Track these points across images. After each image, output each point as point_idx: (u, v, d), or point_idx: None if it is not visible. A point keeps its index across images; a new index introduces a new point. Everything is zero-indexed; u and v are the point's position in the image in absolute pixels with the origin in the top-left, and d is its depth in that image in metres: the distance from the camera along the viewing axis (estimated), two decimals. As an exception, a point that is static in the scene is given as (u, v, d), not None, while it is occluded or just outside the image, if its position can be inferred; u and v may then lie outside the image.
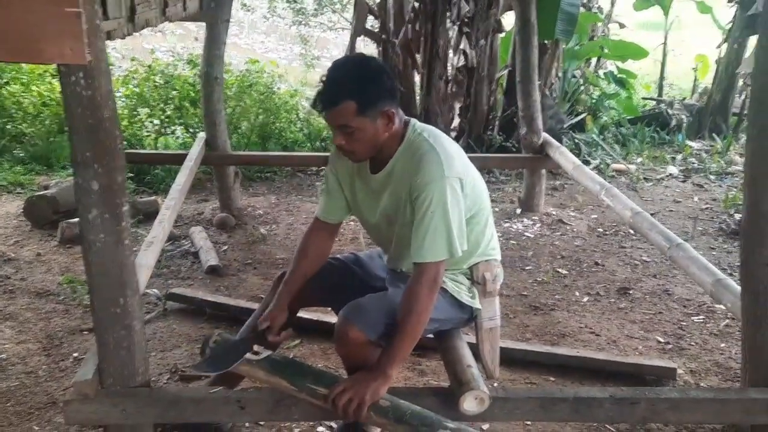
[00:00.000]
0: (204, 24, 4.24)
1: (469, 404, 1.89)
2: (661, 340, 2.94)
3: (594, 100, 7.12)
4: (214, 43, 4.15)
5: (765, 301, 2.01)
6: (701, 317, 3.14)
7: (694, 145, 6.54)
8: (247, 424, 2.31)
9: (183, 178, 3.59)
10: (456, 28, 5.90)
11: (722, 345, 2.88)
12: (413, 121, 1.98)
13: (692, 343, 2.90)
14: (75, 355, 2.82)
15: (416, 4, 5.63)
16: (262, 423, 2.32)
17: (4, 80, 6.12)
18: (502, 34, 6.01)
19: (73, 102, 1.64)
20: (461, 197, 1.88)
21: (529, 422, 2.32)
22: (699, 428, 2.30)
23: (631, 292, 3.41)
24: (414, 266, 1.88)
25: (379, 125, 1.86)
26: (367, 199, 2.04)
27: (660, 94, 8.17)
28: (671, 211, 4.73)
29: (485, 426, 2.31)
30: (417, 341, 1.89)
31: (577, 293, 3.39)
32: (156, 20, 2.61)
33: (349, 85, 1.81)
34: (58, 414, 2.40)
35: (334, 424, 2.30)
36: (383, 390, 1.82)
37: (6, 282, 3.50)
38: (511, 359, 2.67)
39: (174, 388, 2.47)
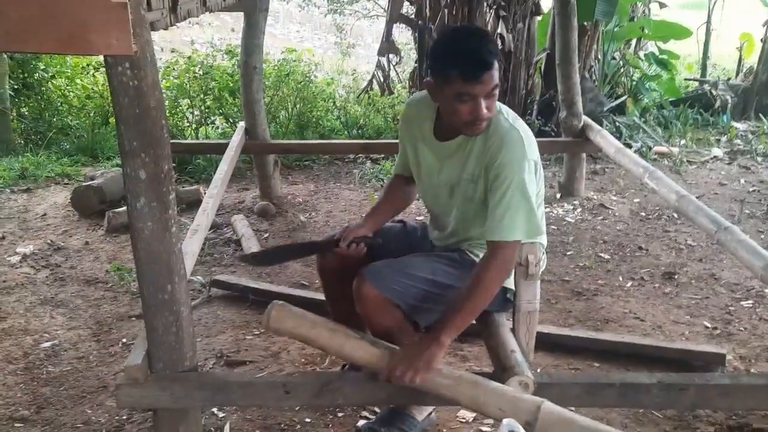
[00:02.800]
0: (241, 15, 4.27)
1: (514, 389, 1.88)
2: (709, 325, 2.87)
3: (634, 83, 6.96)
4: (253, 32, 4.18)
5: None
6: (750, 302, 3.07)
7: (740, 126, 6.35)
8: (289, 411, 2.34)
9: (225, 166, 3.63)
10: (492, 12, 5.83)
11: (773, 330, 2.81)
12: None
13: (741, 329, 2.84)
14: (124, 340, 2.90)
15: (452, -11, 5.58)
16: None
17: (50, 74, 6.27)
18: (540, 17, 5.92)
19: (120, 92, 1.68)
20: (534, 179, 1.90)
21: (573, 407, 2.30)
22: (750, 414, 2.25)
23: (676, 276, 3.34)
24: (488, 245, 1.89)
25: (497, 74, 1.86)
26: (430, 165, 2.07)
27: (703, 75, 7.95)
28: (716, 194, 4.62)
29: (529, 411, 2.29)
30: (475, 316, 1.91)
31: (621, 278, 3.34)
32: (197, 11, 2.64)
33: (492, 47, 1.82)
34: (109, 398, 2.47)
35: (377, 409, 2.31)
36: (438, 358, 1.82)
37: (57, 270, 3.61)
38: (554, 345, 2.65)
39: (221, 373, 2.52)
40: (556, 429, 1.68)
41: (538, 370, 2.24)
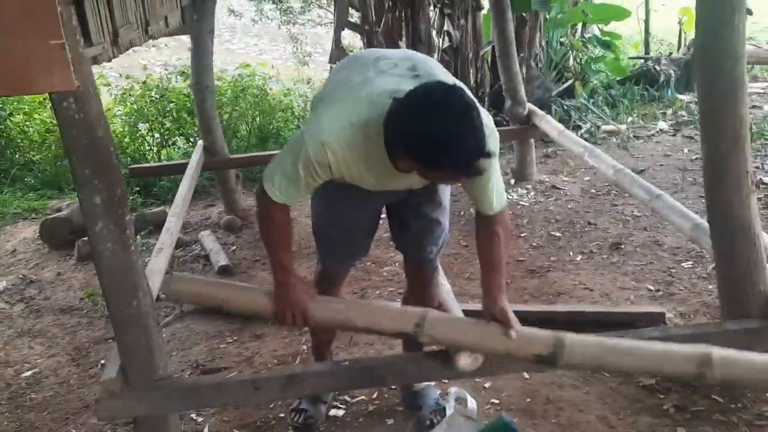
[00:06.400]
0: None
1: (465, 361, 2.01)
2: (652, 288, 3.07)
3: (582, 66, 7.19)
4: (201, 53, 4.30)
5: (731, 237, 2.14)
6: (690, 263, 3.27)
7: (684, 97, 6.60)
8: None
9: (185, 186, 3.76)
10: (437, 10, 6.01)
11: (710, 287, 3.00)
12: None
13: (681, 288, 3.04)
14: (102, 362, 3.00)
15: (394, -8, 5.75)
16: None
17: (8, 112, 6.32)
18: (484, 11, 6.11)
19: (68, 125, 1.80)
20: None
21: (527, 375, 2.47)
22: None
23: (622, 246, 3.54)
24: (489, 217, 1.97)
25: None
26: (384, 182, 1.95)
27: (647, 52, 8.20)
28: (662, 165, 4.84)
29: (487, 384, 2.47)
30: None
31: (571, 253, 3.53)
32: (140, 40, 2.76)
33: (481, 147, 1.62)
34: (92, 416, 2.58)
35: (348, 398, 2.46)
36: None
37: (31, 303, 3.70)
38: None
39: (192, 378, 2.63)
40: (440, 326, 1.94)
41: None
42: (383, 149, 1.70)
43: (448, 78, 1.88)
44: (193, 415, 2.48)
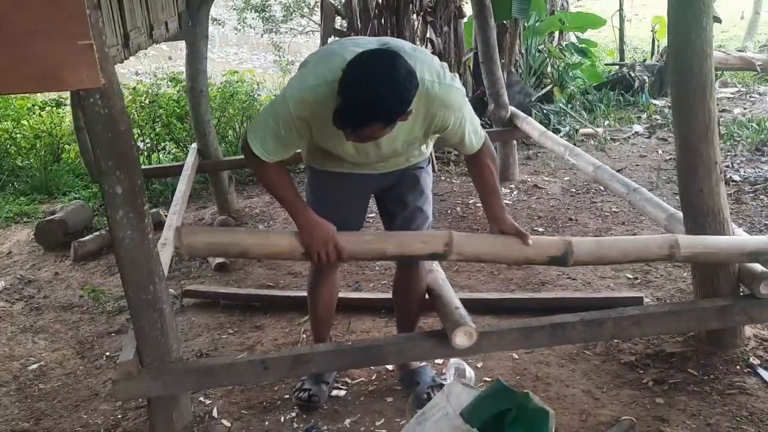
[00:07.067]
0: (175, 44, 4.52)
1: (460, 339, 2.18)
2: (630, 276, 3.27)
3: (560, 72, 7.44)
4: (196, 58, 4.43)
5: (703, 222, 2.34)
6: (666, 253, 3.47)
7: (658, 102, 6.87)
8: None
9: (183, 186, 3.88)
10: (420, 18, 6.20)
11: (685, 274, 3.20)
12: None
13: (657, 276, 3.24)
14: (107, 353, 3.11)
15: (380, 0, 5.92)
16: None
17: (-5, 119, 6.37)
18: (465, 19, 6.32)
19: (94, 120, 1.94)
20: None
21: (516, 356, 2.64)
22: (663, 343, 2.62)
23: (602, 240, 3.73)
24: (474, 154, 2.16)
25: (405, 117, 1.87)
26: (363, 150, 2.08)
27: (622, 59, 8.49)
28: (637, 165, 5.06)
29: (480, 364, 2.63)
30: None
31: (554, 247, 3.71)
32: (146, 43, 2.91)
33: (378, 110, 1.76)
34: (103, 403, 2.69)
35: (349, 380, 2.60)
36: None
37: (31, 301, 3.78)
38: (498, 309, 2.99)
39: (205, 359, 2.75)
40: (466, 243, 2.16)
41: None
42: None
43: (417, 47, 2.10)
44: (202, 398, 2.60)
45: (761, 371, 2.37)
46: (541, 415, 1.74)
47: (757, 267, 2.33)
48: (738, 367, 2.43)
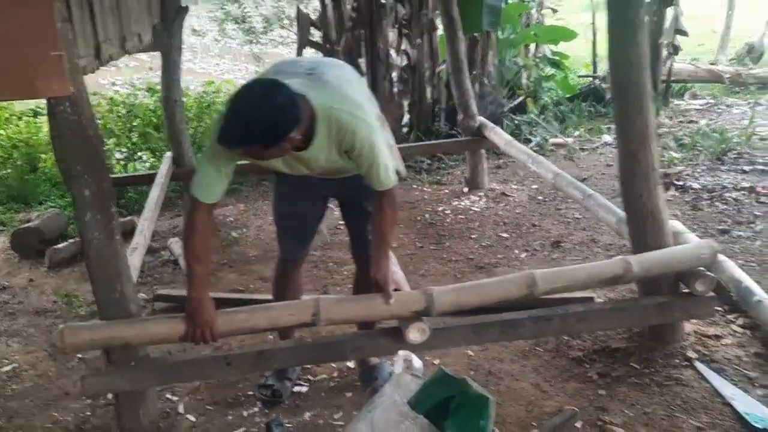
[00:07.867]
0: (157, 54, 4.63)
1: (414, 335, 2.31)
2: (586, 278, 3.40)
3: (533, 84, 7.62)
4: (171, 69, 4.54)
5: (643, 224, 2.48)
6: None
7: (627, 113, 7.05)
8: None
9: (155, 193, 3.98)
10: (396, 30, 6.36)
11: (637, 276, 3.35)
12: (311, 96, 2.06)
13: (612, 278, 3.38)
14: (79, 356, 3.18)
15: (353, 14, 6.07)
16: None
17: (-29, 130, 6.41)
18: (440, 31, 6.47)
19: (63, 126, 2.05)
20: (383, 133, 2.24)
21: (471, 353, 2.76)
22: (610, 339, 2.76)
23: (563, 244, 3.88)
24: (378, 193, 2.24)
25: (289, 142, 1.98)
26: (303, 163, 2.25)
27: (595, 71, 8.70)
28: (603, 174, 5.23)
29: (436, 361, 2.75)
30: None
31: (517, 251, 3.86)
32: (117, 54, 3.02)
33: (251, 131, 1.91)
34: (73, 401, 2.78)
35: (311, 377, 2.71)
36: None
37: (5, 307, 3.85)
38: (456, 313, 3.11)
39: (170, 356, 2.82)
40: (334, 309, 2.30)
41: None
42: None
43: (345, 77, 2.25)
44: (169, 395, 2.69)
45: (698, 364, 2.52)
46: (481, 400, 1.86)
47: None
48: (677, 360, 2.57)
